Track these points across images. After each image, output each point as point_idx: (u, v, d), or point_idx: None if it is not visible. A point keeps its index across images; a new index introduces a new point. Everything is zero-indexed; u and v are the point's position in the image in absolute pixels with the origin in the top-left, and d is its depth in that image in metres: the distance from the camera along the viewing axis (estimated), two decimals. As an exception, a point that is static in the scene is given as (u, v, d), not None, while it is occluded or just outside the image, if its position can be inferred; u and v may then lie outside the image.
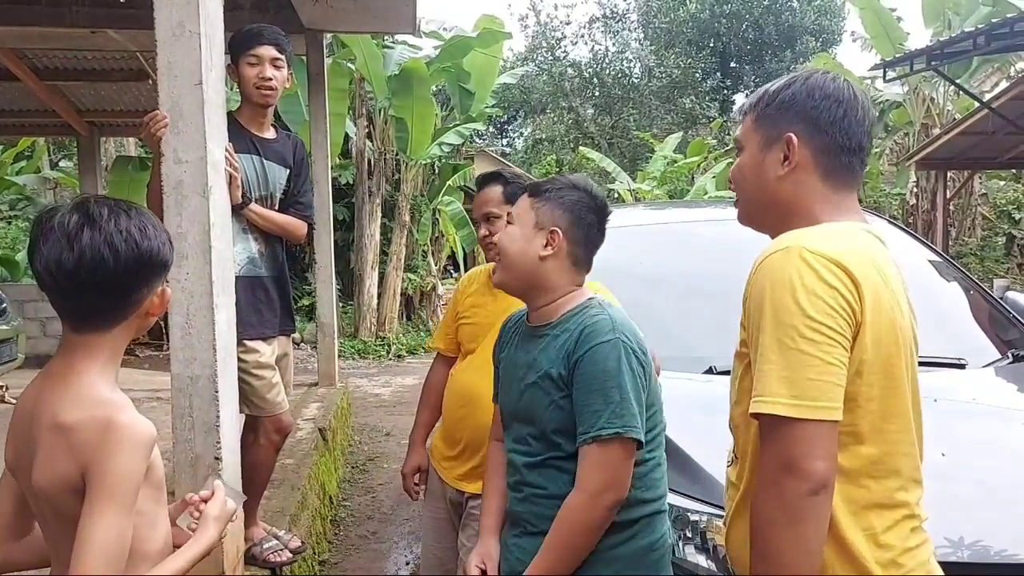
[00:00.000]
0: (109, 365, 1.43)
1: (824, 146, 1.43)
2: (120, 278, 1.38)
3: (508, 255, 1.92)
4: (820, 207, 1.44)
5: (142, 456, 1.36)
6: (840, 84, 1.47)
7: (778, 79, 1.53)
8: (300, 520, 3.74)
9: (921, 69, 9.88)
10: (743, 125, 1.53)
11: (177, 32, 2.39)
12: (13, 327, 7.64)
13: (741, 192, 1.55)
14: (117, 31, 6.27)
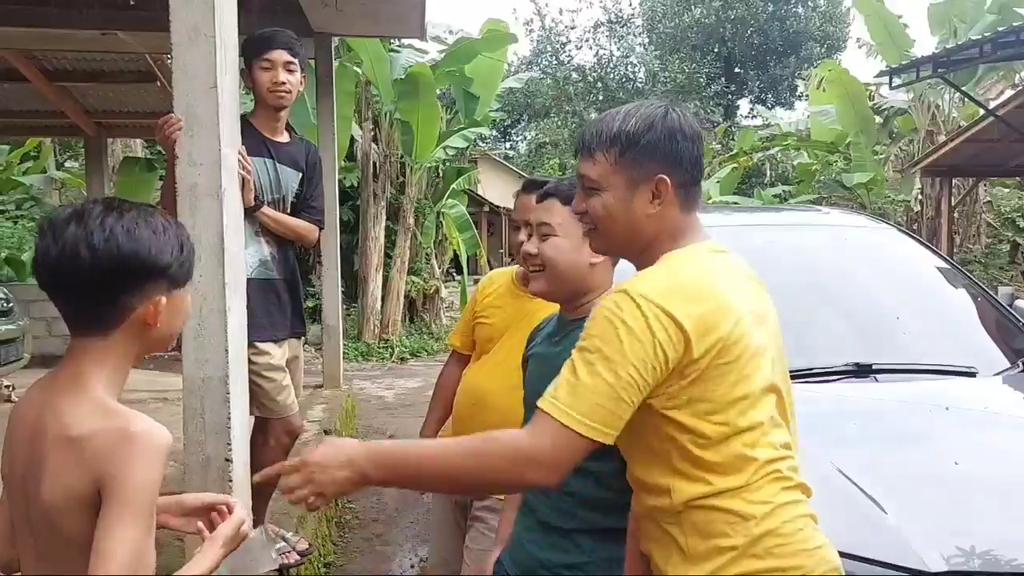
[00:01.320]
0: (115, 376, 1.36)
1: (683, 182, 1.54)
2: (99, 278, 1.30)
3: (558, 267, 1.91)
4: (678, 234, 1.55)
5: (160, 464, 1.30)
6: (689, 121, 1.57)
7: (627, 115, 1.56)
8: (307, 522, 3.75)
9: (927, 76, 9.89)
10: (596, 165, 1.55)
11: (192, 36, 2.40)
12: (19, 327, 7.66)
13: (605, 228, 1.58)
14: (126, 33, 6.30)
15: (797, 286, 3.17)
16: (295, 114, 10.63)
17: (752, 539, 1.39)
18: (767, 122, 22.52)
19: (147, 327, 1.36)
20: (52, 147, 14.57)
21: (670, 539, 1.46)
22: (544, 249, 1.93)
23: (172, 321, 1.40)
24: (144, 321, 1.35)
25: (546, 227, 1.93)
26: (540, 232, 1.94)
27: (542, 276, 1.95)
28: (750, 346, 1.43)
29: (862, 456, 2.10)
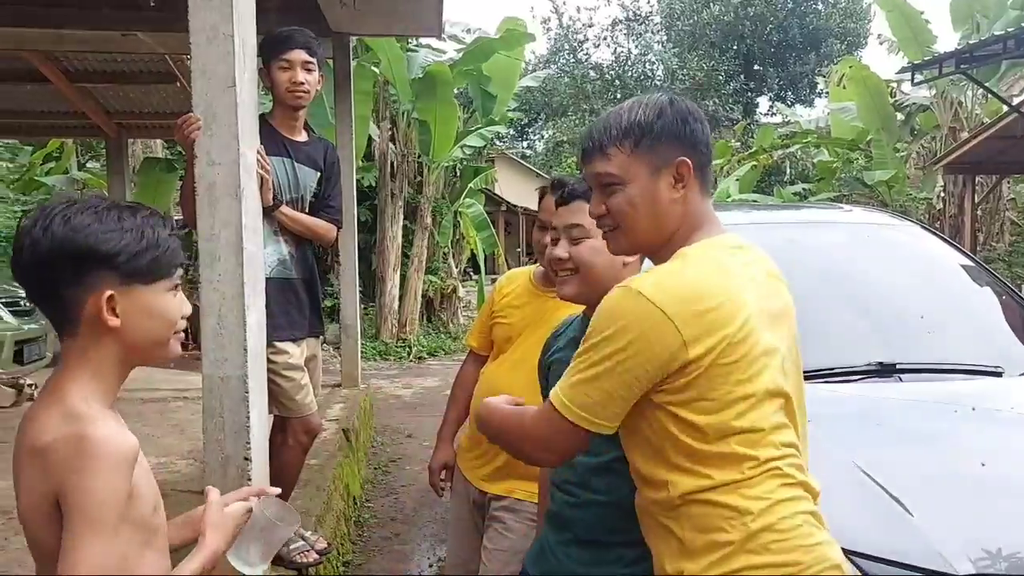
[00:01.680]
0: (96, 382, 1.28)
1: (700, 163, 1.55)
2: (38, 269, 1.25)
3: (595, 269, 1.86)
4: (699, 219, 1.56)
5: (119, 471, 1.20)
6: (692, 104, 1.60)
7: (631, 109, 1.57)
8: (325, 521, 3.75)
9: (950, 73, 9.77)
10: (612, 160, 1.55)
11: (211, 35, 2.40)
12: (41, 326, 7.73)
13: (630, 224, 1.56)
14: (147, 34, 6.34)
15: (820, 285, 3.13)
16: (313, 114, 10.67)
17: (749, 534, 1.38)
18: (787, 119, 22.36)
19: (104, 326, 1.26)
20: (74, 148, 14.71)
21: (669, 533, 1.46)
22: (579, 252, 1.88)
23: (141, 322, 1.30)
24: (97, 317, 1.26)
25: (578, 229, 1.88)
26: (571, 235, 1.89)
27: (575, 280, 1.89)
28: (757, 346, 1.41)
29: (886, 457, 2.07)
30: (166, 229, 1.34)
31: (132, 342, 1.30)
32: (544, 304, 2.53)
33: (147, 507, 1.29)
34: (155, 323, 1.32)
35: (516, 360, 2.55)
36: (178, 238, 1.37)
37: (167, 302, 1.33)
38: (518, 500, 2.49)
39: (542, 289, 2.57)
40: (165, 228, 1.34)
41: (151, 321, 1.31)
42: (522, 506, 2.46)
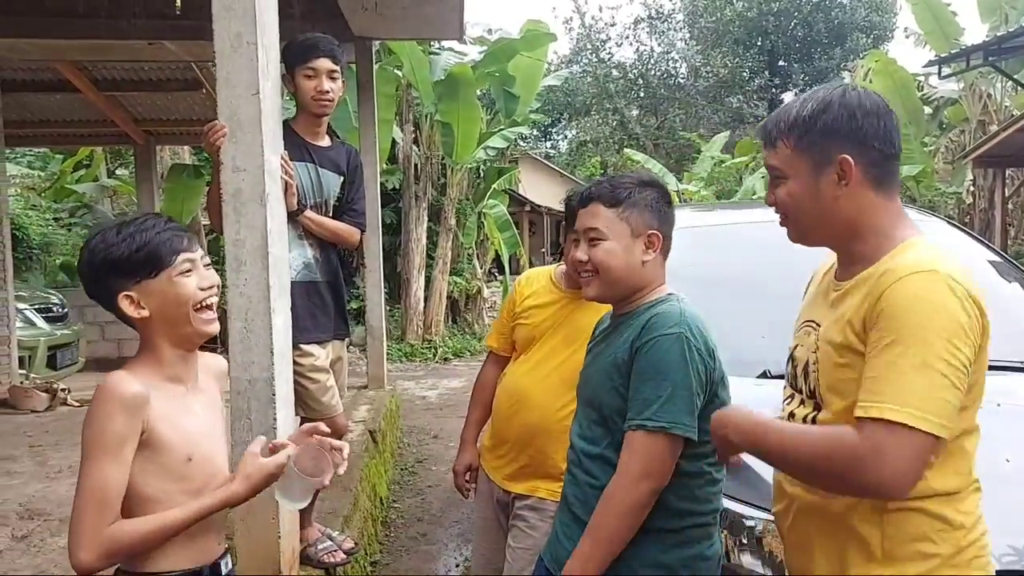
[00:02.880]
0: (155, 359, 1.60)
1: (872, 160, 1.51)
2: (88, 289, 1.59)
3: (612, 270, 1.91)
4: (882, 217, 1.53)
5: (116, 409, 1.48)
6: (871, 97, 1.54)
7: (804, 102, 1.57)
8: (353, 521, 3.79)
9: (978, 65, 9.66)
10: (777, 152, 1.56)
11: (235, 43, 2.45)
12: (74, 331, 7.89)
13: (795, 216, 1.58)
14: (173, 43, 6.43)
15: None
16: (337, 118, 10.83)
17: (958, 549, 1.39)
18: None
19: (142, 319, 1.58)
20: (104, 155, 14.95)
21: (857, 537, 1.45)
22: (595, 254, 1.92)
23: (162, 307, 1.58)
24: (131, 315, 1.57)
25: (593, 231, 1.92)
26: (588, 237, 1.93)
27: (595, 281, 1.94)
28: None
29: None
30: (155, 229, 1.59)
31: (164, 325, 1.59)
32: (566, 304, 2.55)
33: (178, 457, 1.57)
34: (172, 305, 1.58)
35: (539, 360, 2.57)
36: (176, 230, 1.62)
37: (176, 285, 1.59)
38: (541, 499, 2.51)
39: (564, 289, 2.59)
40: (153, 229, 1.59)
41: (170, 304, 1.58)
42: (545, 505, 2.48)
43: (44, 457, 4.87)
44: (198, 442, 1.63)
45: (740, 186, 17.22)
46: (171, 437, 1.57)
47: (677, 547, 1.82)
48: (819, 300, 1.64)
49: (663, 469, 1.77)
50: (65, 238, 13.09)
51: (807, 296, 1.76)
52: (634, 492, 1.76)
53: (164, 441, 1.56)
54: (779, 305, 3.00)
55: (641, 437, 1.76)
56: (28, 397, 6.35)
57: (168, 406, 1.59)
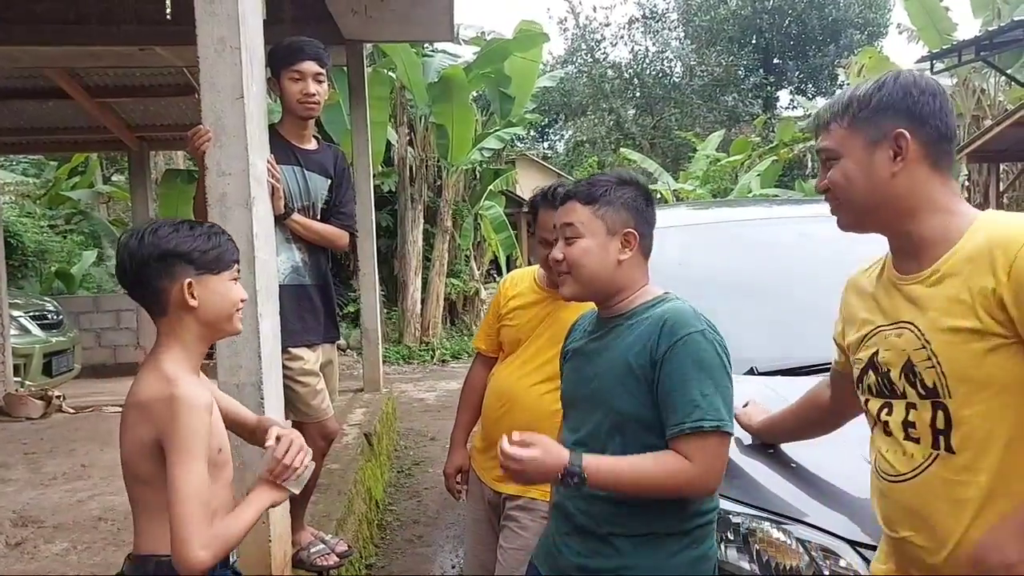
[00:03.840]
0: (183, 352, 1.72)
1: (929, 137, 1.49)
2: (136, 270, 1.70)
3: (586, 269, 1.87)
4: (940, 195, 1.51)
5: (201, 416, 1.63)
6: (926, 78, 1.53)
7: (856, 85, 1.56)
8: (347, 524, 3.79)
9: (970, 60, 9.67)
10: (831, 134, 1.55)
11: (219, 48, 2.45)
12: (69, 338, 7.88)
13: (848, 197, 1.55)
14: (164, 48, 6.44)
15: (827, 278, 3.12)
16: (331, 121, 10.85)
17: None
18: (807, 112, 22.17)
19: (187, 306, 1.69)
20: (99, 162, 14.94)
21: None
22: (569, 253, 1.88)
23: (213, 302, 1.72)
24: (182, 300, 1.69)
25: (570, 228, 1.88)
26: (564, 235, 1.89)
27: (570, 279, 1.90)
28: None
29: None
30: (224, 235, 1.79)
31: (207, 318, 1.73)
32: (550, 304, 2.56)
33: (213, 447, 1.70)
34: (223, 303, 1.74)
35: (526, 360, 2.58)
36: (233, 241, 1.82)
37: (230, 287, 1.77)
38: (532, 499, 2.51)
39: (547, 289, 2.59)
40: (223, 234, 1.80)
41: (220, 301, 1.74)
42: (536, 505, 2.48)
43: (38, 464, 4.87)
44: (222, 432, 1.79)
45: (735, 184, 17.22)
46: (212, 432, 1.70)
47: (686, 548, 1.80)
48: (884, 301, 1.59)
49: (720, 471, 1.74)
50: (60, 245, 13.08)
51: (853, 304, 1.70)
52: (693, 484, 1.73)
53: (211, 434, 1.69)
54: (766, 302, 3.03)
55: (697, 440, 1.70)
56: (23, 404, 6.34)
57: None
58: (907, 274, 1.54)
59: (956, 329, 1.43)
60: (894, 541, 1.58)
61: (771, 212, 4.42)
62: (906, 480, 1.52)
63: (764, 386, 2.51)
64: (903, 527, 1.54)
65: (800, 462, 2.15)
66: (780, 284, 3.11)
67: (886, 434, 1.57)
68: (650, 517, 1.79)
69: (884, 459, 1.57)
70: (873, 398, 1.60)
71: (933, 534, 1.48)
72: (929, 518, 1.48)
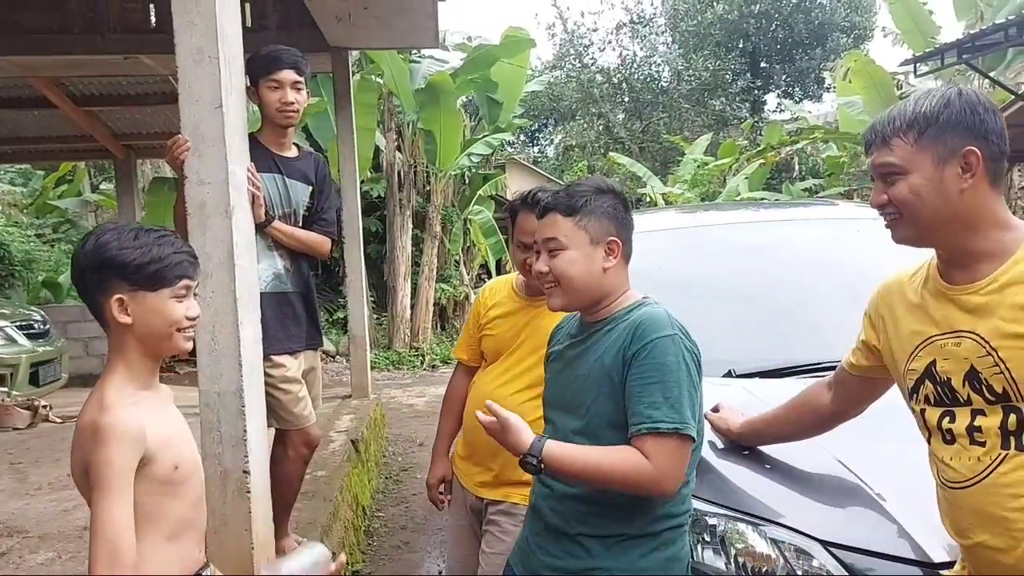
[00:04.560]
0: (127, 370, 1.62)
1: (992, 154, 1.53)
2: (77, 279, 1.63)
3: (573, 279, 1.88)
4: (996, 209, 1.55)
5: (123, 448, 1.53)
6: (985, 96, 1.58)
7: (917, 101, 1.58)
8: (332, 531, 3.79)
9: (952, 63, 9.72)
10: (897, 149, 1.57)
11: (197, 57, 2.46)
12: (56, 347, 7.85)
13: (915, 213, 1.57)
14: (149, 56, 6.44)
15: (813, 280, 3.15)
16: (319, 128, 10.87)
17: None
18: (795, 116, 22.28)
19: (122, 324, 1.60)
20: (86, 170, 14.90)
21: None
22: (555, 265, 1.89)
23: (148, 321, 1.61)
24: (115, 317, 1.59)
25: (553, 242, 1.90)
26: (548, 248, 1.91)
27: (559, 291, 1.92)
28: None
29: (866, 451, 2.08)
30: (172, 248, 1.64)
31: (142, 337, 1.62)
32: (529, 312, 2.57)
33: (165, 467, 1.62)
34: (158, 322, 1.62)
35: (507, 368, 2.59)
36: (189, 256, 1.68)
37: (169, 306, 1.63)
38: (514, 504, 2.52)
39: (526, 298, 2.61)
40: (172, 247, 1.64)
41: (155, 320, 1.62)
42: (518, 510, 2.49)
43: (24, 474, 4.86)
44: (180, 448, 1.69)
45: (723, 188, 17.28)
46: (159, 452, 1.61)
47: (655, 550, 1.82)
48: (935, 311, 1.61)
49: (678, 473, 1.76)
50: (48, 254, 13.03)
51: (897, 313, 1.72)
52: (647, 483, 1.74)
53: (154, 457, 1.60)
54: (743, 304, 3.05)
55: (653, 441, 1.73)
56: (9, 415, 6.32)
57: (152, 420, 1.62)
58: (958, 284, 1.57)
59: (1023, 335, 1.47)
60: (968, 549, 1.60)
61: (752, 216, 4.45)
62: (974, 484, 1.54)
63: (742, 389, 2.54)
64: (975, 532, 1.55)
65: (774, 464, 2.18)
66: (757, 287, 3.14)
67: (947, 442, 1.59)
68: (619, 519, 1.82)
69: (948, 467, 1.58)
70: (931, 407, 1.62)
71: (1008, 533, 1.50)
72: (1002, 518, 1.50)
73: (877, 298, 1.80)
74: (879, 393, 1.96)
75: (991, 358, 1.50)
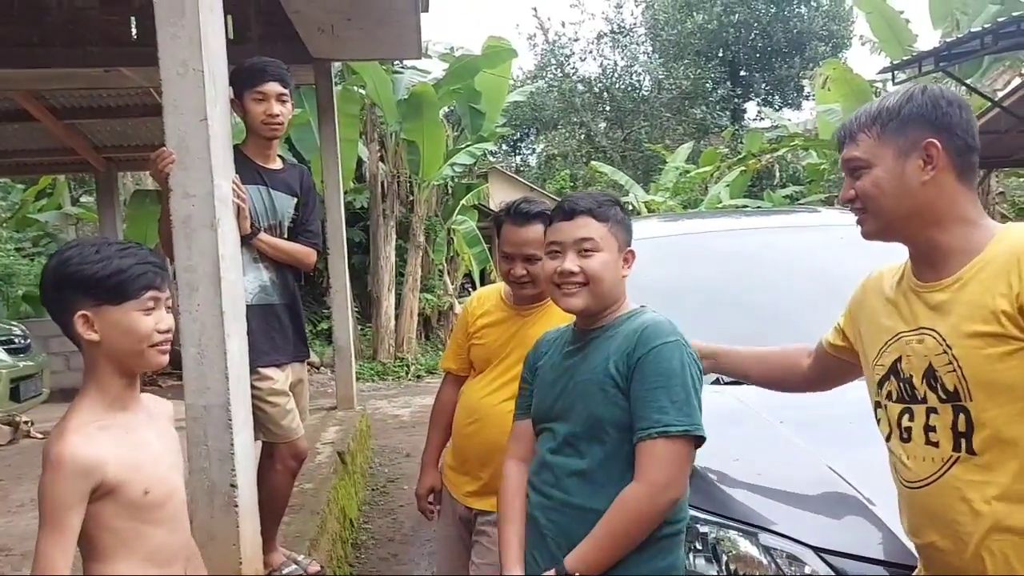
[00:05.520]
0: (98, 391, 1.58)
1: (957, 148, 1.54)
2: (45, 295, 1.58)
3: (605, 283, 1.92)
4: (965, 205, 1.55)
5: (67, 481, 1.47)
6: (951, 91, 1.60)
7: (884, 98, 1.61)
8: (320, 544, 3.77)
9: (930, 71, 9.84)
10: (861, 144, 1.60)
11: (181, 71, 2.45)
12: (38, 362, 7.75)
13: (878, 206, 1.59)
14: (130, 69, 6.41)
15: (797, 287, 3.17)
16: (302, 139, 10.84)
17: None
18: (775, 124, 22.46)
19: (90, 342, 1.55)
20: (66, 183, 14.77)
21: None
22: (590, 265, 1.92)
23: (115, 337, 1.55)
24: (82, 335, 1.54)
25: (588, 242, 1.92)
26: (580, 248, 1.93)
27: (584, 292, 1.92)
28: None
29: (857, 457, 2.09)
30: (135, 259, 1.57)
31: (112, 353, 1.56)
32: (518, 321, 2.58)
33: (134, 493, 1.56)
34: (127, 337, 1.56)
35: (495, 377, 2.59)
36: (154, 266, 1.59)
37: (136, 320, 1.56)
38: (504, 513, 2.51)
39: (514, 307, 2.61)
40: (134, 258, 1.57)
41: (123, 336, 1.55)
42: (507, 520, 2.48)
43: (5, 492, 4.79)
44: (151, 471, 1.62)
45: (705, 195, 17.39)
46: (126, 478, 1.56)
47: (653, 558, 1.82)
48: (904, 308, 1.62)
49: (685, 476, 1.79)
50: (28, 268, 12.89)
51: (873, 306, 1.73)
52: (657, 501, 1.76)
53: (120, 483, 1.55)
54: (730, 312, 3.07)
55: (662, 445, 1.75)
56: (-11, 431, 6.24)
57: (118, 445, 1.57)
58: (927, 282, 1.58)
59: (978, 334, 1.47)
60: (920, 548, 1.61)
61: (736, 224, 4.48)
62: (928, 484, 1.54)
63: (730, 396, 2.55)
64: (927, 533, 1.56)
65: (765, 471, 2.19)
66: (743, 295, 3.16)
67: (904, 440, 1.60)
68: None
69: (905, 466, 1.60)
70: (893, 404, 1.63)
71: (956, 536, 1.50)
72: (952, 520, 1.50)
73: (860, 291, 1.83)
74: (848, 379, 2.00)
75: (947, 355, 1.51)
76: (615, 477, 1.82)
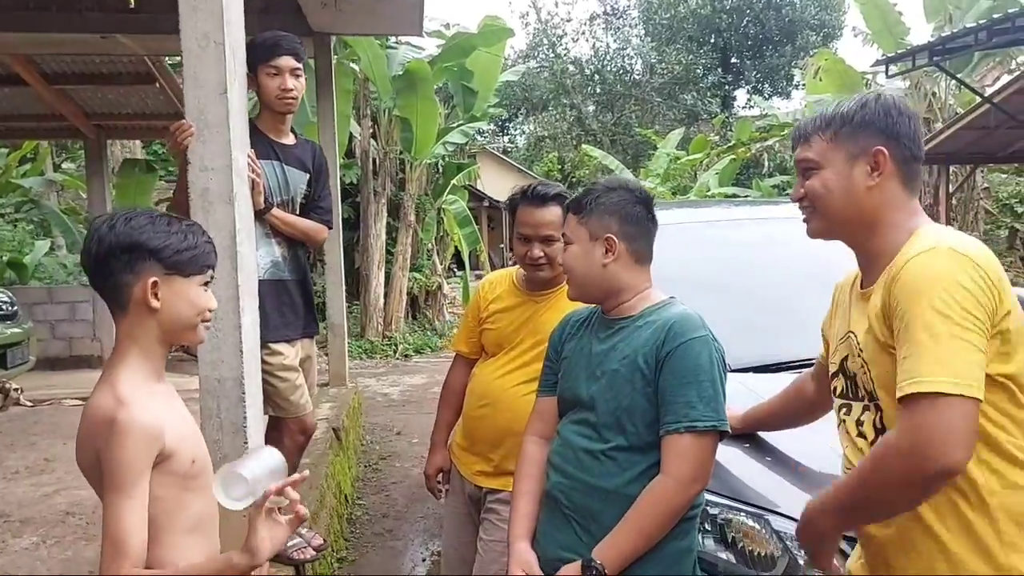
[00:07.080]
0: (142, 359, 1.58)
1: (903, 156, 1.61)
2: (101, 259, 1.56)
3: (576, 273, 2.00)
4: (903, 212, 1.61)
5: (140, 447, 1.49)
6: (903, 102, 1.66)
7: (840, 103, 1.66)
8: (320, 518, 3.80)
9: (923, 65, 9.92)
10: (814, 145, 1.65)
11: (203, 43, 2.44)
12: (24, 330, 7.68)
13: (824, 205, 1.65)
14: (126, 36, 6.32)
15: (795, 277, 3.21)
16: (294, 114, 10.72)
17: None
18: (764, 112, 22.53)
19: (148, 308, 1.56)
20: (49, 149, 14.58)
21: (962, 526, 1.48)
22: (565, 260, 2.03)
23: (178, 308, 1.59)
24: (144, 301, 1.55)
25: (564, 236, 2.04)
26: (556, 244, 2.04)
27: (571, 283, 2.05)
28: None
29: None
30: (203, 237, 1.65)
31: (168, 323, 1.59)
32: (531, 307, 2.60)
33: (184, 462, 1.59)
34: (187, 309, 1.61)
35: (507, 362, 2.60)
36: (213, 245, 1.68)
37: (198, 293, 1.62)
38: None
39: (527, 292, 2.63)
40: (203, 236, 1.65)
41: (184, 307, 1.60)
42: (516, 499, 2.52)
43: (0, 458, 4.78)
44: (195, 441, 1.67)
45: (695, 182, 17.45)
46: (178, 447, 1.58)
47: (671, 540, 1.86)
48: (851, 310, 1.69)
49: (709, 469, 1.84)
50: (11, 234, 12.75)
51: (836, 311, 1.81)
52: (685, 495, 1.81)
53: (173, 452, 1.57)
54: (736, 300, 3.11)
55: (689, 439, 1.80)
56: (-21, 398, 6.20)
57: (170, 414, 1.60)
58: (863, 287, 1.66)
59: (875, 339, 1.56)
60: (859, 531, 1.70)
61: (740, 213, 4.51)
62: None
63: (738, 382, 2.59)
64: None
65: (774, 454, 2.24)
66: (749, 283, 3.20)
67: (845, 434, 1.70)
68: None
69: (846, 458, 1.70)
70: (838, 399, 1.72)
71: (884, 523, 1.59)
72: None
73: (833, 294, 1.89)
74: None
75: (860, 359, 1.61)
76: (636, 461, 1.86)
